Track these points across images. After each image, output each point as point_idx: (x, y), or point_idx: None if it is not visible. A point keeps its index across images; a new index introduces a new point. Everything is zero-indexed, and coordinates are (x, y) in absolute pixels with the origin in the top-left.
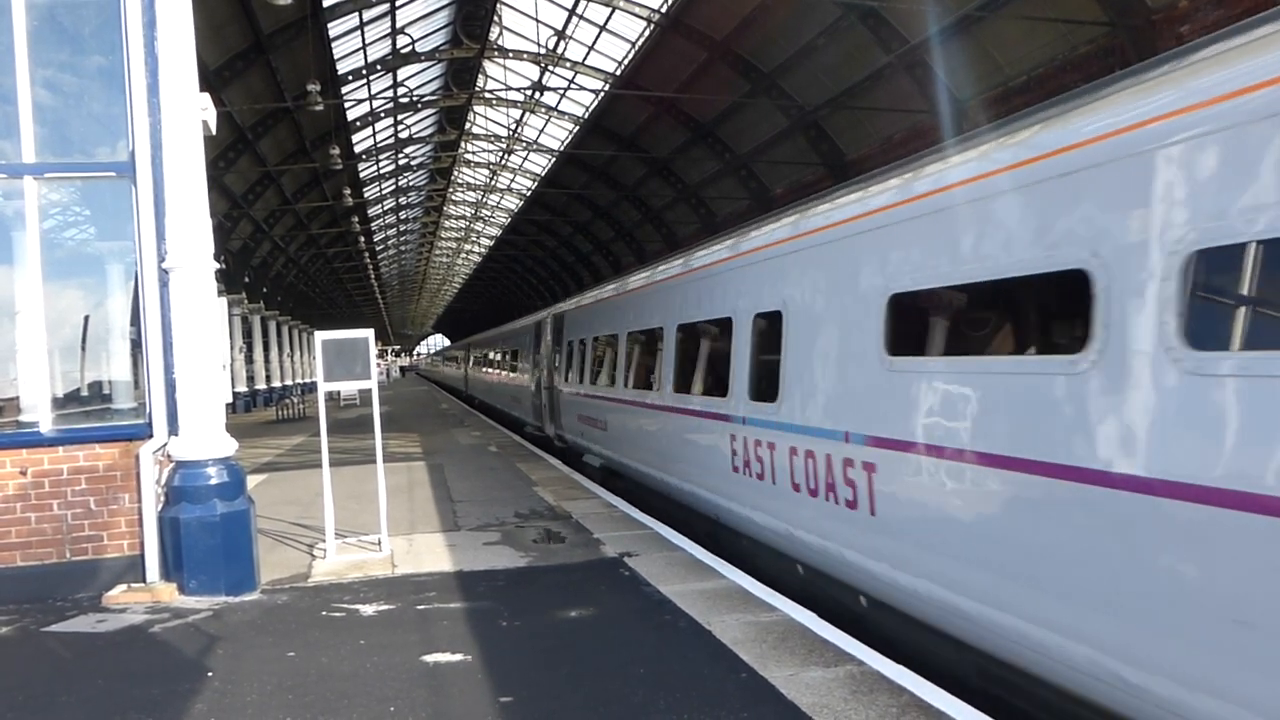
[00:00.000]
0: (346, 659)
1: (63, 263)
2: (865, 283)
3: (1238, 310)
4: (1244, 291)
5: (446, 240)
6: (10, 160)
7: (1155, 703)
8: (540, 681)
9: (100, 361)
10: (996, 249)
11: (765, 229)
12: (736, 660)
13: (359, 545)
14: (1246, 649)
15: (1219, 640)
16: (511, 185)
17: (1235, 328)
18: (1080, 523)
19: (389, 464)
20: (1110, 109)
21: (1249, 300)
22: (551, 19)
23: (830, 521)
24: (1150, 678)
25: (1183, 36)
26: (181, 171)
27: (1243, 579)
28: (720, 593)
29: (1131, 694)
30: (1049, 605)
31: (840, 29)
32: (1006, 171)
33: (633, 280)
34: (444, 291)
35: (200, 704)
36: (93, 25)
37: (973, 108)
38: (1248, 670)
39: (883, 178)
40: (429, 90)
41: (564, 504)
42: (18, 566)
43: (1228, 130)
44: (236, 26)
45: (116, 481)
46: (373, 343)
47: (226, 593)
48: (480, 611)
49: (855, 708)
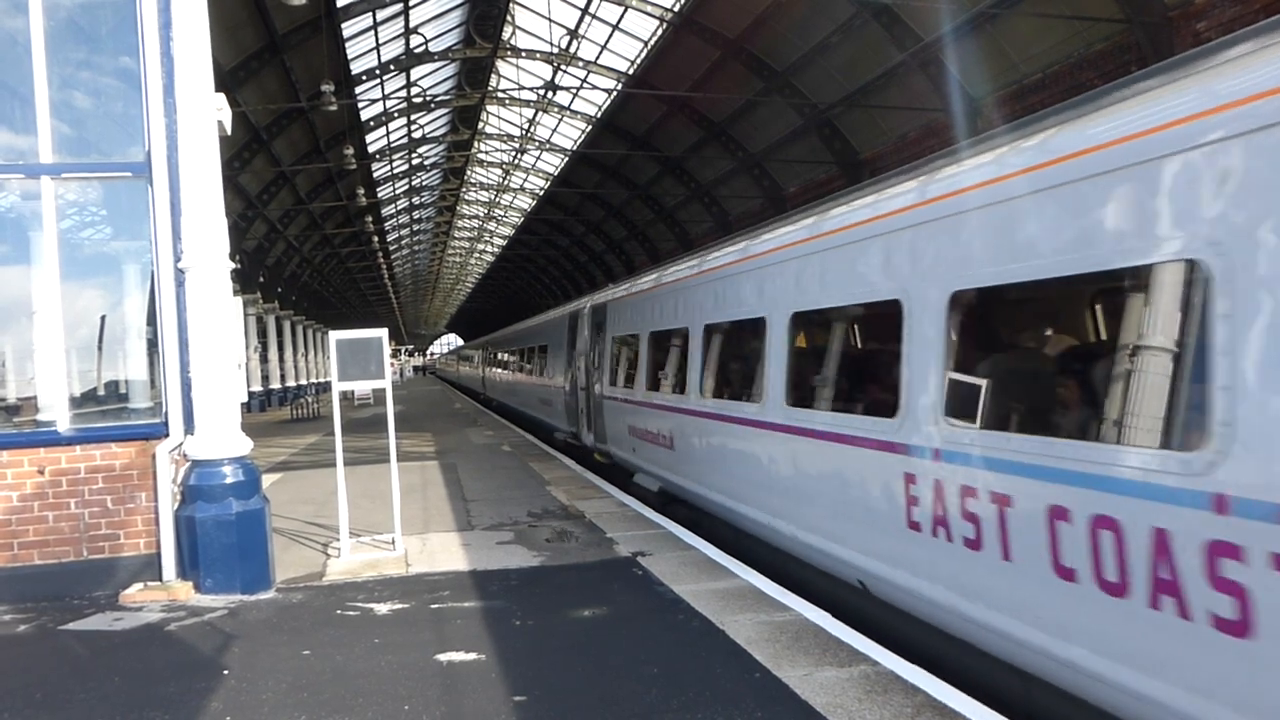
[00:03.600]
0: (361, 658)
1: (80, 263)
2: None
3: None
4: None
5: (459, 240)
6: (27, 160)
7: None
8: (553, 681)
9: (117, 361)
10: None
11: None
12: (750, 660)
13: (373, 544)
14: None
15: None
16: (524, 185)
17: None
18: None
19: (403, 463)
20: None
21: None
22: (564, 18)
23: (1184, 658)
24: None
25: (1199, 33)
26: (197, 171)
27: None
28: (734, 592)
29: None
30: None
31: (854, 27)
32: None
33: (713, 257)
34: (457, 291)
35: (216, 702)
36: (109, 26)
37: (987, 105)
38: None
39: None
40: (442, 90)
41: (577, 503)
42: (35, 565)
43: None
44: (251, 27)
45: (133, 480)
46: (386, 342)
47: (242, 591)
48: (494, 611)
49: (870, 708)
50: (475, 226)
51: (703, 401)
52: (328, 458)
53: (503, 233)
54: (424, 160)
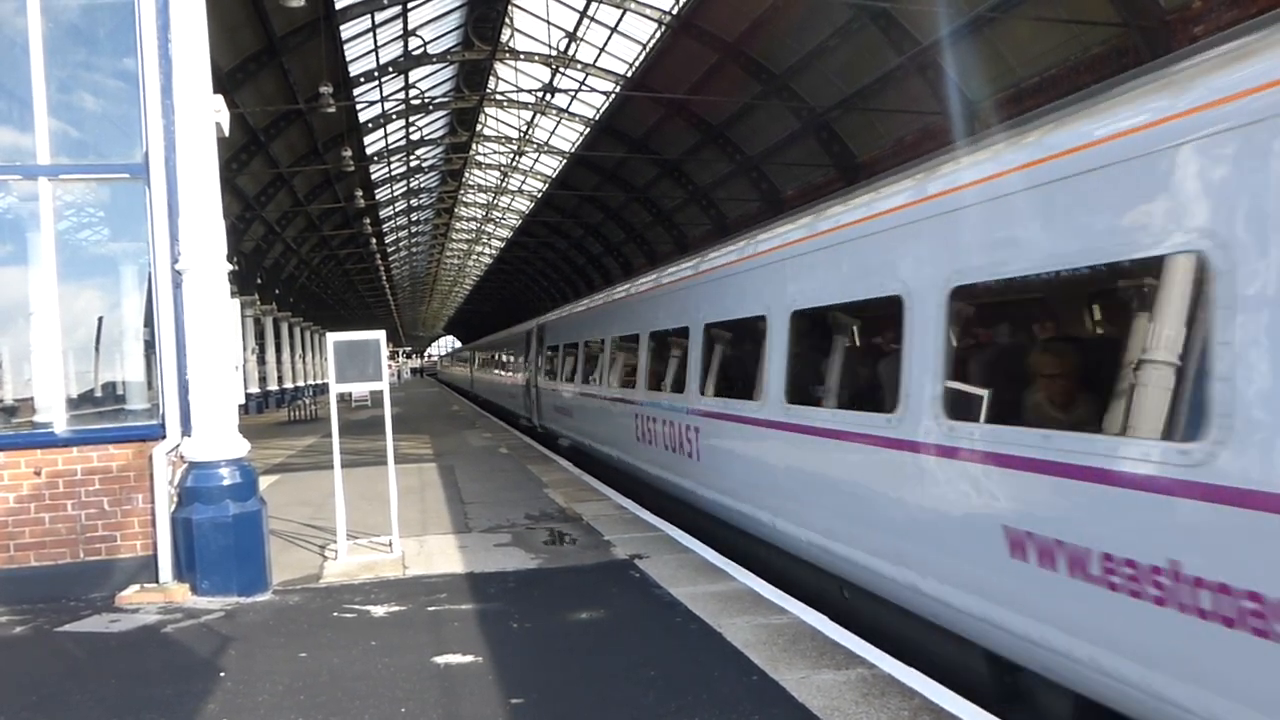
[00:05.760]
0: (358, 660)
1: (77, 264)
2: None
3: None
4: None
5: (457, 242)
6: (25, 162)
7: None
8: (551, 683)
9: (114, 362)
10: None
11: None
12: (747, 663)
13: (370, 546)
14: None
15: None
16: (522, 187)
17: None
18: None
19: (400, 465)
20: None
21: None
22: (562, 21)
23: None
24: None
25: (1196, 37)
26: (195, 173)
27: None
28: (731, 595)
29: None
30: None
31: (851, 30)
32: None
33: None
34: (455, 293)
35: (213, 704)
36: (108, 28)
37: (985, 109)
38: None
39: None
40: (440, 92)
41: (574, 506)
42: (32, 566)
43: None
44: (250, 29)
45: (130, 482)
46: (384, 344)
47: (239, 593)
48: (491, 613)
49: (866, 710)
50: (473, 229)
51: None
52: (325, 459)
53: (501, 235)
54: (422, 162)
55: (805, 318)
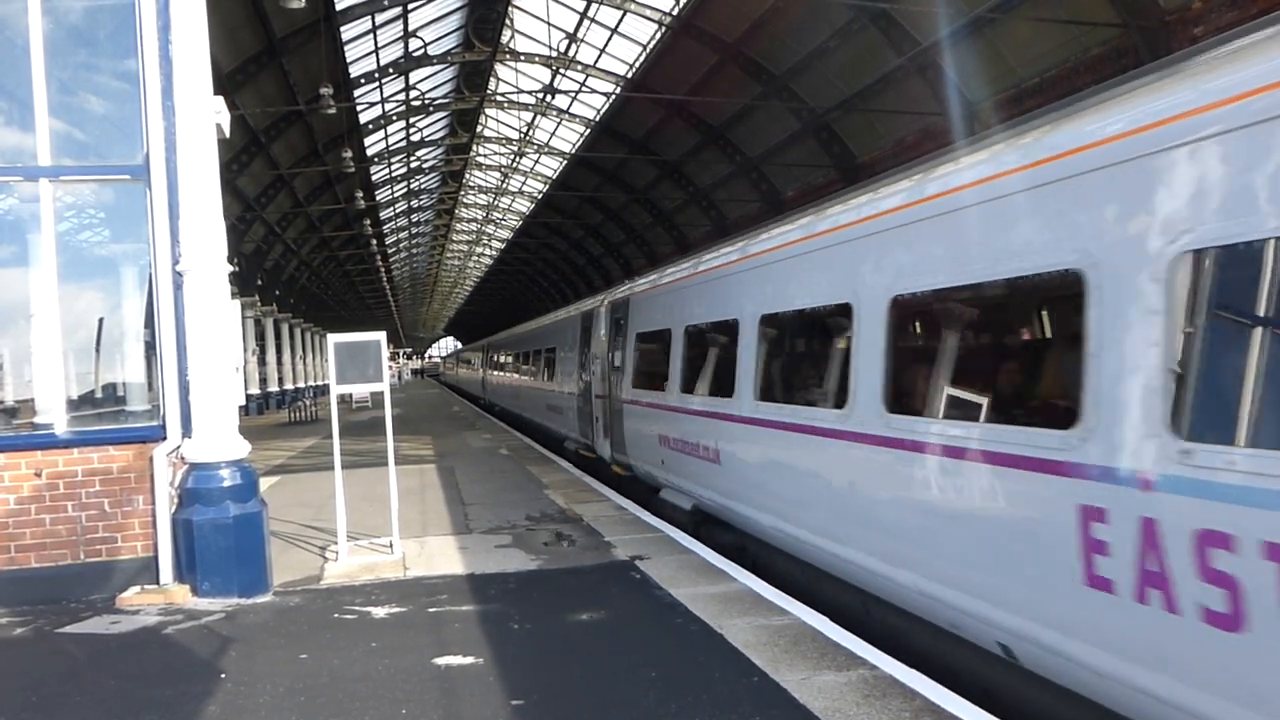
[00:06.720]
0: (358, 661)
1: (78, 265)
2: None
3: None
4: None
5: (458, 243)
6: (26, 163)
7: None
8: (552, 684)
9: (115, 364)
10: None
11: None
12: (748, 664)
13: (371, 548)
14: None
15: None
16: (523, 188)
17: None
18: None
19: (401, 466)
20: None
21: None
22: (563, 22)
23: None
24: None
25: (1197, 38)
26: (195, 174)
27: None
28: (732, 596)
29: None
30: None
31: (851, 31)
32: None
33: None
34: (455, 294)
35: (213, 705)
36: (108, 29)
37: (985, 109)
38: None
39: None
40: (441, 93)
41: (575, 507)
42: (32, 568)
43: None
44: (250, 30)
45: (130, 483)
46: (384, 345)
47: (239, 595)
48: (492, 614)
49: (868, 711)
50: (473, 230)
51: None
52: (326, 461)
53: (501, 236)
54: (422, 163)
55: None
